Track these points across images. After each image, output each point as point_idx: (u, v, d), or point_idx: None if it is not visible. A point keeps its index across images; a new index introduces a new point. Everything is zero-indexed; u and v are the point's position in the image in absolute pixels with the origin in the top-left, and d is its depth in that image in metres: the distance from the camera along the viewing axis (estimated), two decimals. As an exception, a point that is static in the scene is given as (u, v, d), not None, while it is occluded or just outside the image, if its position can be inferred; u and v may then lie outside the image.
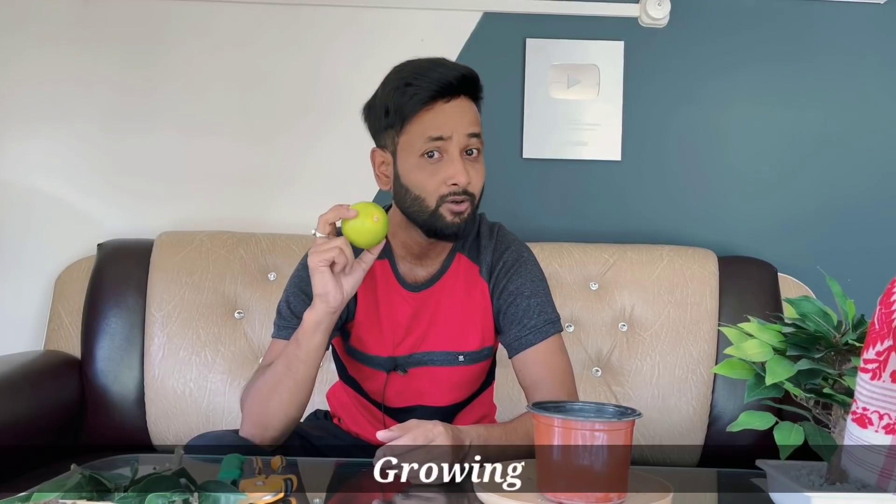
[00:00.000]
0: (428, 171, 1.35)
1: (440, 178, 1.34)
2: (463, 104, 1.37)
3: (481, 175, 1.39)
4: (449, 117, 1.35)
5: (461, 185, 1.34)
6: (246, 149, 2.20)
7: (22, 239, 2.18)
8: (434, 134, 1.34)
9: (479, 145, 1.38)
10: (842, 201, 2.25)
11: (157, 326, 1.97)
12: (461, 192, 1.34)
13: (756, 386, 1.02)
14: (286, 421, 1.36)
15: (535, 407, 1.09)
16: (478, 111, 1.41)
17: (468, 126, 1.36)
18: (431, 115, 1.34)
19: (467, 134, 1.35)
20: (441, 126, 1.34)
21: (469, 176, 1.35)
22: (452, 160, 1.34)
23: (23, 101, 2.17)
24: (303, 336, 1.32)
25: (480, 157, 1.40)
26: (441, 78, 1.34)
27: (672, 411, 1.97)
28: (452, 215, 1.35)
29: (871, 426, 0.91)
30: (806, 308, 1.05)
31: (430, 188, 1.35)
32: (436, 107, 1.34)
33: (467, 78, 1.37)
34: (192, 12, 2.18)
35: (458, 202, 1.35)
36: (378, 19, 2.19)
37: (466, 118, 1.37)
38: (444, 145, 1.34)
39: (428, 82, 1.34)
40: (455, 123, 1.35)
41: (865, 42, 2.25)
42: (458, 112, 1.36)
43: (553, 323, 1.44)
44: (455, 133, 1.34)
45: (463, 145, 1.35)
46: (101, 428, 1.95)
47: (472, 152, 1.37)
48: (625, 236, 2.18)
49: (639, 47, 2.23)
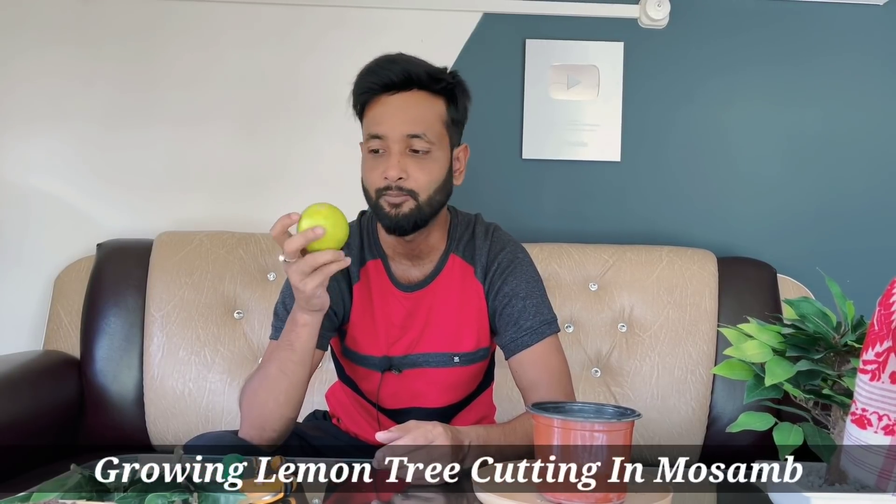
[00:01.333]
0: (370, 164, 1.38)
1: (378, 171, 1.36)
2: (409, 99, 1.37)
3: (426, 173, 1.37)
4: (388, 113, 1.36)
5: (390, 178, 1.34)
6: (246, 149, 2.20)
7: (21, 238, 2.17)
8: (372, 131, 1.37)
9: (424, 146, 1.36)
10: (841, 202, 2.25)
11: (157, 326, 1.97)
12: (395, 187, 1.35)
13: (755, 387, 1.02)
14: (282, 421, 1.35)
15: (535, 408, 1.09)
16: (439, 107, 1.39)
17: (408, 126, 1.35)
18: (374, 111, 1.37)
19: (405, 134, 1.35)
20: (379, 124, 1.36)
21: (406, 172, 1.34)
22: (389, 154, 1.35)
23: (22, 101, 2.17)
24: (293, 337, 1.32)
25: (432, 155, 1.37)
26: (384, 74, 1.36)
27: (671, 412, 1.97)
28: (389, 206, 1.36)
29: (871, 427, 0.92)
30: (805, 309, 1.05)
31: (371, 181, 1.38)
32: (380, 100, 1.37)
33: (411, 75, 1.36)
34: (193, 12, 2.18)
35: (393, 195, 1.35)
36: (378, 20, 2.19)
37: (407, 115, 1.36)
38: (383, 143, 1.36)
39: (372, 77, 1.37)
40: (394, 122, 1.35)
41: (865, 43, 2.25)
42: (399, 108, 1.36)
43: (549, 324, 1.44)
44: (391, 133, 1.35)
45: (403, 145, 1.35)
46: (101, 428, 1.95)
47: (417, 150, 1.36)
48: (624, 237, 2.18)
49: (638, 48, 2.23)
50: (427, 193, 1.37)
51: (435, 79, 1.38)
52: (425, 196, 1.37)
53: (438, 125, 1.38)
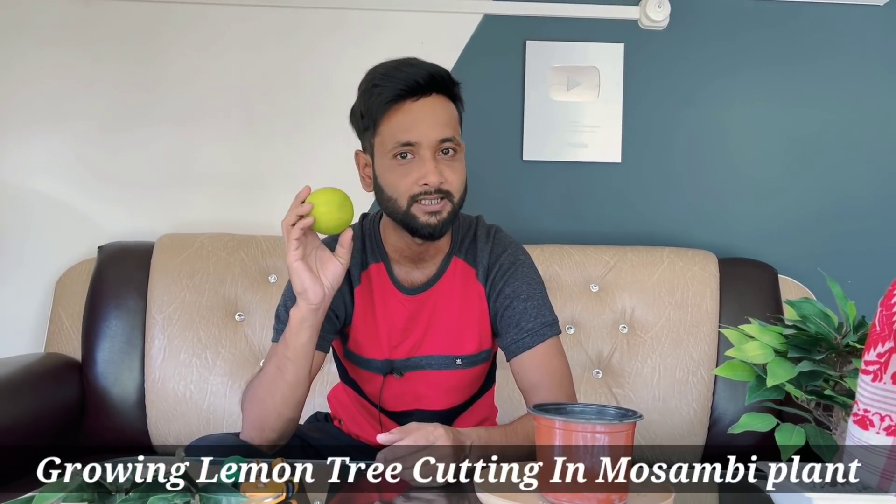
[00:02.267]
0: (399, 171, 1.35)
1: (412, 178, 1.34)
2: (434, 103, 1.35)
3: (458, 174, 1.37)
4: (417, 120, 1.33)
5: (432, 184, 1.33)
6: (247, 151, 2.21)
7: (22, 241, 2.18)
8: (403, 139, 1.33)
9: (455, 147, 1.36)
10: (842, 203, 2.25)
11: (158, 329, 1.97)
12: (434, 191, 1.33)
13: (757, 388, 1.02)
14: (283, 422, 1.35)
15: (537, 409, 1.08)
16: (455, 109, 1.39)
17: (439, 131, 1.34)
18: (400, 116, 1.33)
19: (438, 140, 1.33)
20: (410, 130, 1.33)
21: (442, 175, 1.34)
22: (424, 160, 1.33)
23: (24, 103, 2.17)
24: (290, 335, 1.32)
25: (458, 157, 1.37)
26: (407, 77, 1.33)
27: (673, 413, 1.97)
28: (426, 215, 1.34)
29: (873, 428, 0.91)
30: (807, 310, 1.05)
31: (402, 189, 1.34)
32: (404, 106, 1.33)
33: (435, 77, 1.35)
34: (194, 14, 2.18)
35: (433, 201, 1.34)
36: (379, 22, 2.19)
37: (437, 120, 1.34)
38: (413, 149, 1.34)
39: (394, 82, 1.33)
40: (425, 129, 1.33)
41: (865, 43, 2.25)
42: (428, 113, 1.34)
43: (550, 325, 1.43)
44: (425, 139, 1.33)
45: (435, 149, 1.34)
46: (102, 430, 1.95)
47: (447, 152, 1.35)
48: (625, 238, 2.18)
49: (639, 49, 2.23)
50: (459, 194, 1.37)
51: (453, 80, 1.38)
52: (458, 197, 1.37)
53: (458, 127, 1.39)
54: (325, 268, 1.30)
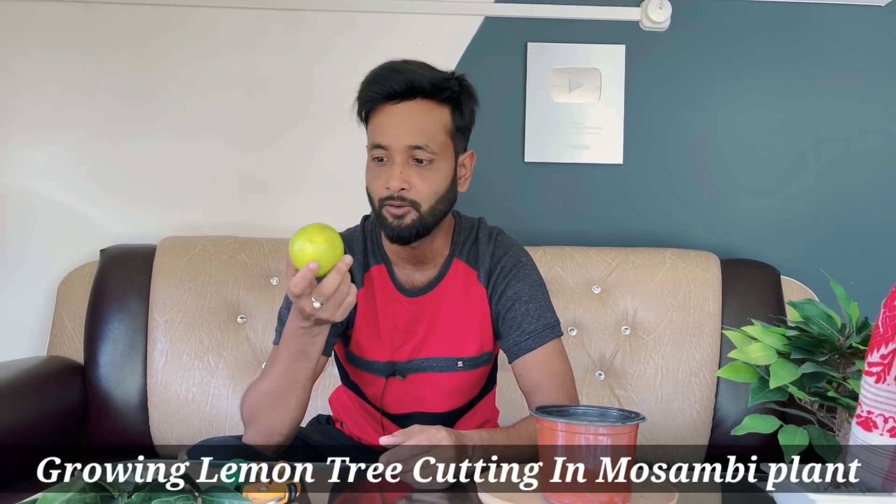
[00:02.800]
0: (373, 172, 1.38)
1: (381, 181, 1.36)
2: (412, 109, 1.35)
3: (429, 183, 1.35)
4: (390, 123, 1.34)
5: (392, 189, 1.34)
6: (248, 153, 2.21)
7: (24, 244, 2.18)
8: (376, 141, 1.36)
9: (430, 155, 1.35)
10: (844, 204, 2.25)
11: (160, 331, 1.97)
12: (396, 197, 1.34)
13: (760, 389, 1.02)
14: (283, 426, 1.35)
15: (539, 411, 1.08)
16: (443, 117, 1.37)
17: (409, 137, 1.34)
18: (378, 118, 1.36)
19: (407, 146, 1.34)
20: (383, 133, 1.35)
21: (408, 182, 1.34)
22: (392, 164, 1.34)
23: (25, 107, 2.17)
24: (287, 342, 1.31)
25: (434, 165, 1.36)
26: (388, 83, 1.35)
27: (675, 414, 1.97)
28: (392, 217, 1.35)
29: (876, 429, 0.91)
30: (809, 311, 1.05)
31: (374, 190, 1.37)
32: (384, 109, 1.36)
33: (415, 85, 1.34)
34: (194, 18, 2.18)
35: (395, 206, 1.34)
36: (380, 24, 2.19)
37: (411, 126, 1.34)
38: (386, 153, 1.35)
39: (375, 86, 1.36)
40: (395, 133, 1.34)
41: (867, 44, 2.25)
42: (402, 118, 1.35)
43: (552, 327, 1.43)
44: (394, 143, 1.34)
45: (405, 155, 1.34)
46: (104, 433, 1.95)
47: (420, 161, 1.35)
48: (627, 240, 2.18)
49: (640, 51, 2.23)
50: (429, 204, 1.36)
51: (439, 88, 1.36)
52: (427, 206, 1.36)
53: (442, 135, 1.37)
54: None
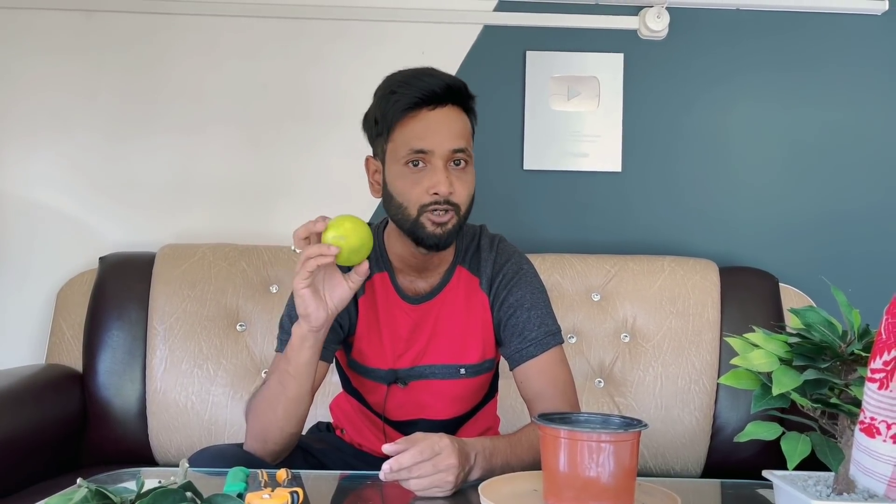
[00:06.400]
0: (411, 179, 1.35)
1: (422, 186, 1.34)
2: (449, 114, 1.36)
3: (467, 186, 1.37)
4: (432, 129, 1.34)
5: (442, 194, 1.33)
6: (247, 161, 2.21)
7: (23, 252, 2.17)
8: (416, 147, 1.33)
9: (467, 158, 1.37)
10: (843, 211, 2.26)
11: (159, 339, 1.96)
12: (443, 201, 1.33)
13: (762, 396, 1.01)
14: (283, 436, 1.35)
15: (541, 418, 1.08)
16: (468, 122, 1.40)
17: (452, 141, 1.34)
18: (414, 124, 1.34)
19: (451, 150, 1.34)
20: (423, 138, 1.33)
21: (452, 186, 1.34)
22: (435, 169, 1.33)
23: (25, 114, 2.18)
24: (291, 352, 1.31)
25: (469, 168, 1.38)
26: (425, 86, 1.34)
27: (675, 422, 1.97)
28: (433, 225, 1.34)
29: (879, 436, 0.91)
30: (811, 318, 1.05)
31: (412, 197, 1.34)
32: (420, 115, 1.34)
33: (452, 87, 1.36)
34: (195, 26, 2.19)
35: (440, 212, 1.34)
36: (379, 32, 2.20)
37: (451, 130, 1.35)
38: (426, 158, 1.34)
39: (411, 90, 1.34)
40: (439, 138, 1.33)
41: (864, 52, 2.26)
42: (442, 123, 1.35)
43: (554, 335, 1.43)
44: (438, 148, 1.33)
45: (447, 158, 1.35)
46: (103, 441, 1.94)
47: (459, 163, 1.36)
48: (626, 247, 2.18)
49: (638, 59, 2.24)
50: (466, 206, 1.37)
51: (469, 93, 1.39)
52: (465, 209, 1.37)
53: (470, 138, 1.40)
54: (333, 290, 1.29)
